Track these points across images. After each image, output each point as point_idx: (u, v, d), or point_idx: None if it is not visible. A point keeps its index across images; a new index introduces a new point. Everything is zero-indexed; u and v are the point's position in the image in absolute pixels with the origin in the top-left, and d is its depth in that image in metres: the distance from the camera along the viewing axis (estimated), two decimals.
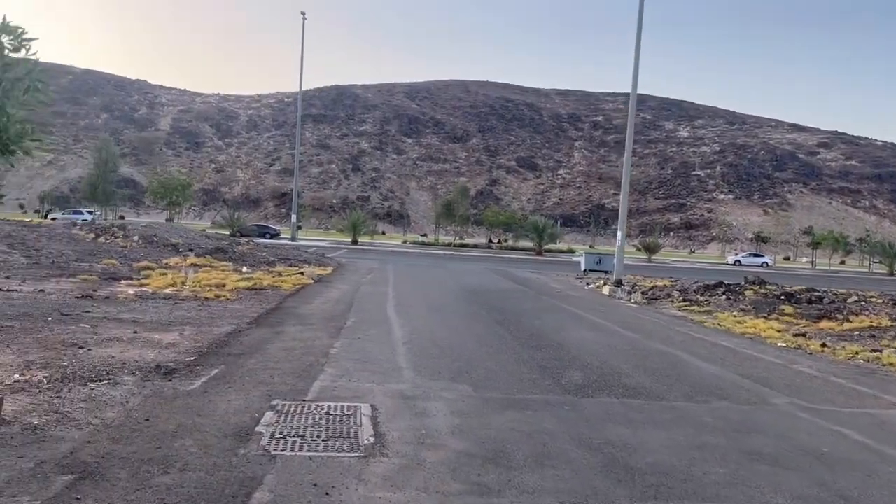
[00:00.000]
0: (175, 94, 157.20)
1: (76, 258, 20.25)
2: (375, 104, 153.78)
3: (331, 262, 28.96)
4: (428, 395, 6.70)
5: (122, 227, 26.39)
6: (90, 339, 8.69)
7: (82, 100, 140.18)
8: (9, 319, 9.73)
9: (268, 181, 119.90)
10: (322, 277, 21.13)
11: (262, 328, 10.48)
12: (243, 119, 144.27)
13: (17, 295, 12.72)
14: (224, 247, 25.83)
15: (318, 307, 13.66)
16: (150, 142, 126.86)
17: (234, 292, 15.65)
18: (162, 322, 10.52)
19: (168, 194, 64.13)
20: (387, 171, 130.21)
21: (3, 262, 17.83)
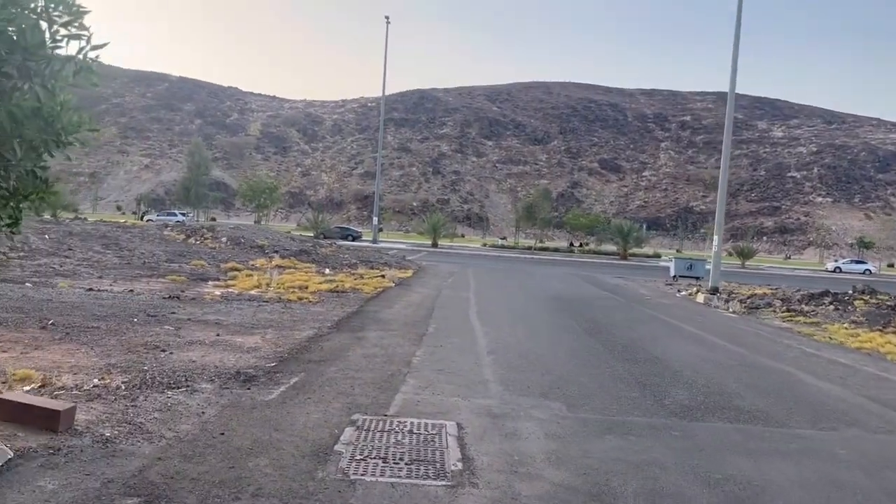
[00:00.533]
0: (264, 101, 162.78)
1: (166, 259, 20.81)
2: (456, 107, 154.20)
3: (411, 265, 28.79)
4: (518, 414, 6.14)
5: (212, 228, 27.09)
6: (173, 341, 8.60)
7: (177, 106, 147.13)
8: (96, 320, 9.82)
9: (350, 184, 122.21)
10: (403, 281, 20.89)
11: (343, 333, 10.19)
12: (328, 124, 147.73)
13: (107, 295, 12.99)
14: (308, 249, 26.07)
15: (399, 312, 13.32)
16: (240, 146, 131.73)
17: (316, 294, 15.56)
18: (245, 325, 10.40)
19: (256, 197, 66.11)
20: (466, 173, 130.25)
21: (97, 262, 18.45)
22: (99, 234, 23.25)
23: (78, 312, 10.37)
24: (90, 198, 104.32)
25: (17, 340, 8.00)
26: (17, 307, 10.34)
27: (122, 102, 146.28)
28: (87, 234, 23.16)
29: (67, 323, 9.28)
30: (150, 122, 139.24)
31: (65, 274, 16.17)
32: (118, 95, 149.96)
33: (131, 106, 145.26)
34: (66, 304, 11.14)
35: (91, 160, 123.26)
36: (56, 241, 20.71)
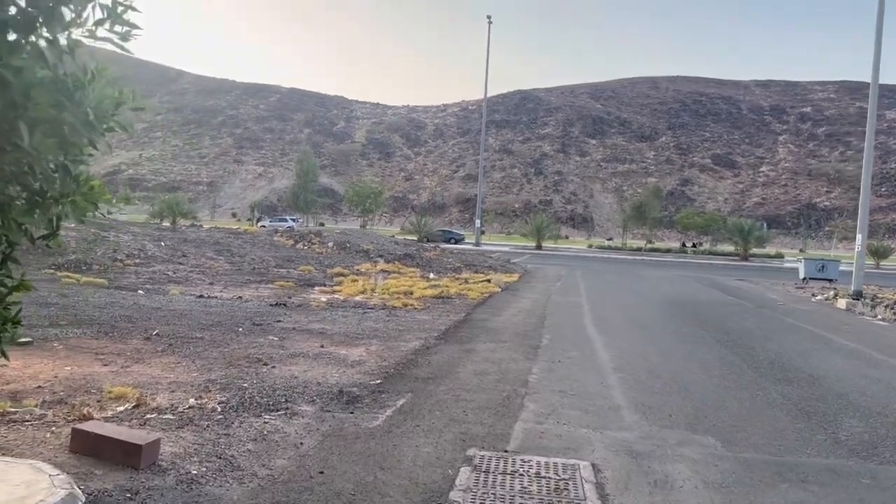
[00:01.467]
0: (369, 108, 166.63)
1: (275, 264, 20.96)
2: (558, 106, 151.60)
3: (516, 268, 27.86)
4: (664, 452, 5.15)
5: (319, 233, 27.31)
6: (276, 354, 8.16)
7: (288, 116, 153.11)
8: (202, 329, 9.59)
9: (452, 187, 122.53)
10: (509, 285, 20.02)
11: (450, 345, 9.46)
12: (430, 128, 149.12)
13: (215, 302, 12.93)
14: (412, 253, 25.72)
15: (509, 320, 12.47)
16: (346, 153, 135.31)
17: (421, 301, 14.99)
18: (349, 335, 9.90)
19: (362, 202, 67.23)
20: (569, 173, 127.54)
21: (209, 269, 18.75)
22: (212, 241, 23.85)
23: (185, 321, 10.22)
24: (208, 206, 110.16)
25: (120, 353, 7.80)
26: (126, 316, 10.31)
27: (236, 114, 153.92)
28: (201, 240, 23.81)
29: (172, 333, 9.08)
30: (263, 132, 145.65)
31: (178, 280, 16.45)
32: (233, 107, 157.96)
33: (245, 117, 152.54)
34: (175, 313, 11.06)
35: (209, 169, 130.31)
36: (171, 247, 21.33)
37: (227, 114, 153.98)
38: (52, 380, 6.43)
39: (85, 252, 18.75)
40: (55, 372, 6.75)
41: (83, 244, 19.75)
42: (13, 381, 6.33)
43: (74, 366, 7.05)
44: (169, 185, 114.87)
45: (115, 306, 11.41)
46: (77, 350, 7.78)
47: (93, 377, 6.62)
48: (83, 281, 14.88)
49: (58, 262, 17.08)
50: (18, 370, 6.75)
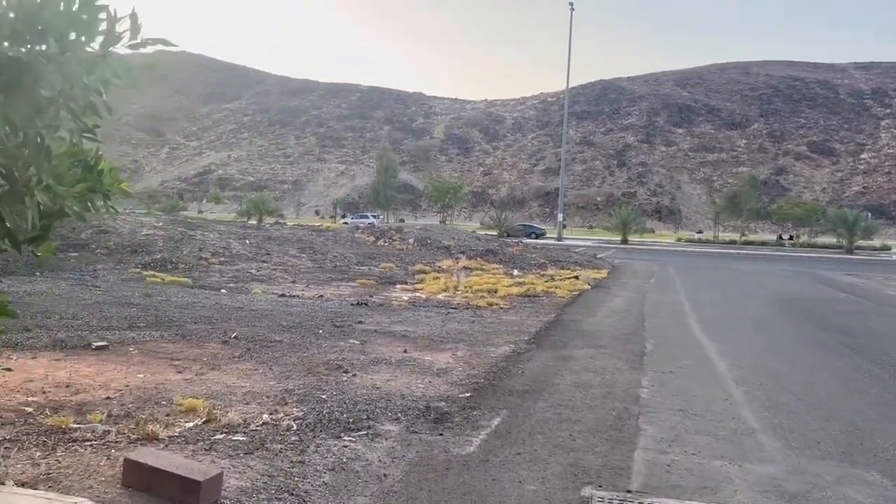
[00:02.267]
0: (447, 104, 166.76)
1: (357, 261, 20.65)
2: (642, 95, 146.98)
3: (603, 263, 26.62)
4: (824, 495, 4.17)
5: (399, 230, 26.94)
6: (357, 360, 7.57)
7: (368, 114, 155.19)
8: (282, 331, 9.15)
9: (532, 181, 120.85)
10: (599, 282, 18.94)
11: (544, 350, 8.63)
12: (509, 122, 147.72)
13: (296, 301, 12.56)
14: (494, 248, 24.94)
15: (604, 321, 11.51)
16: (425, 149, 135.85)
17: (506, 299, 14.21)
18: (433, 338, 9.23)
19: (441, 197, 66.96)
20: (654, 164, 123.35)
21: (292, 267, 18.58)
22: (295, 239, 23.83)
23: (264, 323, 9.82)
24: (293, 204, 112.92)
25: (196, 358, 7.39)
26: (206, 317, 10.01)
27: (319, 114, 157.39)
28: (285, 238, 23.83)
29: (251, 336, 8.66)
30: (344, 130, 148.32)
31: (261, 279, 16.30)
32: (316, 107, 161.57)
33: (327, 116, 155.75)
34: (255, 313, 10.72)
35: (294, 168, 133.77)
36: (255, 245, 21.37)
37: (310, 113, 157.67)
38: (122, 389, 6.04)
39: (171, 251, 18.95)
40: (127, 380, 6.38)
41: (170, 243, 20.01)
42: (83, 391, 5.97)
43: (148, 373, 6.67)
44: (256, 185, 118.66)
45: (197, 306, 11.18)
46: (152, 355, 7.43)
47: (165, 386, 6.20)
48: (168, 280, 14.90)
49: (144, 261, 17.28)
50: (90, 378, 6.41)
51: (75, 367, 6.74)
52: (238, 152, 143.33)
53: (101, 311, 10.05)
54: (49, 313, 9.59)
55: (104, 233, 20.37)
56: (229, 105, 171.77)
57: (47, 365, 6.81)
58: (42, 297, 11.30)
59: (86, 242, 19.07)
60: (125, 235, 20.50)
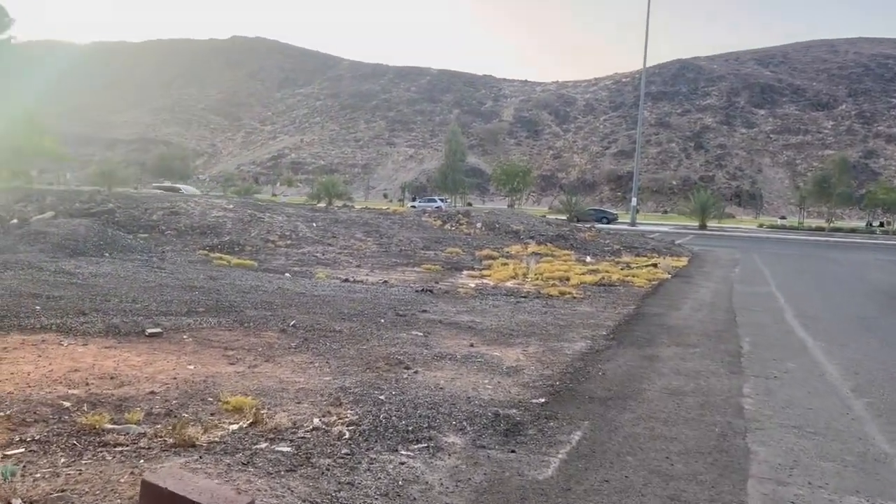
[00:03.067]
0: (517, 86, 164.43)
1: (423, 246, 20.12)
2: (721, 75, 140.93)
3: (682, 250, 25.19)
4: None
5: (467, 213, 26.25)
6: (419, 354, 6.97)
7: (438, 97, 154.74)
8: (342, 320, 8.64)
9: (603, 164, 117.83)
10: (679, 271, 17.76)
11: (625, 348, 7.81)
12: (580, 104, 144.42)
13: (360, 287, 12.08)
14: (565, 233, 23.96)
15: (691, 316, 10.53)
16: (494, 133, 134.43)
17: (579, 288, 13.36)
18: (502, 331, 8.54)
19: (510, 181, 65.84)
20: (734, 147, 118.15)
21: (357, 251, 18.20)
22: (361, 222, 23.50)
23: (326, 310, 9.35)
24: (362, 187, 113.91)
25: (251, 348, 6.95)
26: (267, 303, 9.62)
27: (389, 97, 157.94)
28: (351, 221, 23.54)
29: (311, 324, 8.18)
30: (413, 114, 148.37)
31: (325, 262, 15.96)
32: (386, 91, 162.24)
33: (397, 100, 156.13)
34: (317, 299, 10.27)
35: (363, 152, 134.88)
36: (322, 228, 21.13)
37: (380, 97, 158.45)
38: (169, 383, 5.62)
39: (239, 233, 18.88)
40: (176, 372, 5.96)
41: (239, 225, 19.98)
42: (128, 383, 5.58)
43: (199, 364, 6.25)
44: (327, 168, 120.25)
45: (259, 291, 10.85)
46: (206, 344, 7.03)
47: (214, 380, 5.75)
48: (234, 262, 14.72)
49: (212, 243, 17.22)
50: (139, 368, 6.03)
51: (125, 356, 6.39)
52: (310, 136, 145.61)
53: (163, 295, 9.80)
54: (109, 296, 9.40)
55: (175, 214, 20.52)
56: (302, 90, 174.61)
57: (96, 353, 6.49)
58: (107, 278, 11.19)
59: (156, 224, 19.23)
60: (195, 217, 20.60)
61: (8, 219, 17.01)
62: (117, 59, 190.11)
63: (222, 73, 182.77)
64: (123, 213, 19.86)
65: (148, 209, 21.20)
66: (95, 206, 19.81)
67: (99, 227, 15.95)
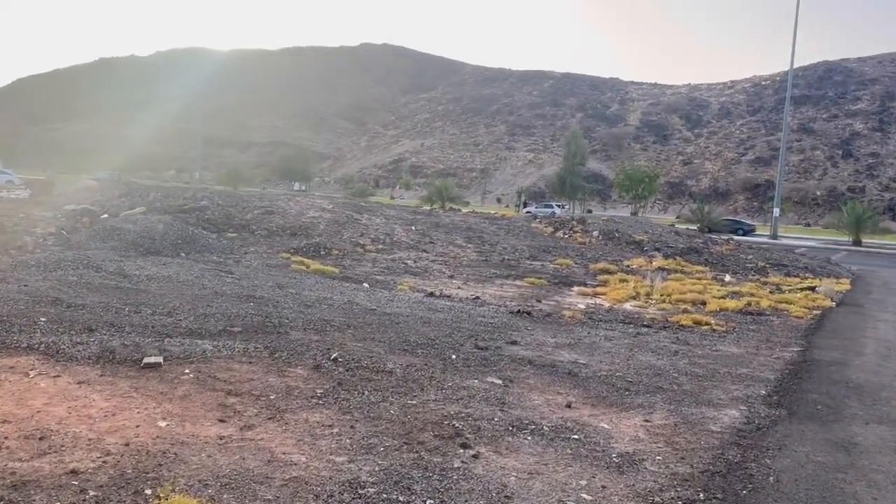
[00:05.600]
0: (645, 89, 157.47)
1: (529, 255, 17.88)
2: (874, 78, 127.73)
3: (840, 270, 21.32)
4: None
5: (582, 220, 23.65)
6: (489, 419, 4.85)
7: (561, 101, 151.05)
8: (402, 352, 6.68)
9: (738, 172, 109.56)
10: (844, 297, 14.44)
11: (801, 423, 5.29)
12: (714, 107, 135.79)
13: (444, 305, 10.08)
14: (697, 246, 20.86)
15: (880, 365, 7.70)
16: (618, 137, 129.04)
17: (719, 316, 10.71)
18: (614, 380, 6.24)
19: (633, 187, 61.74)
20: (889, 155, 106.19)
21: (454, 258, 16.24)
22: (465, 227, 21.58)
23: (389, 335, 7.44)
24: (480, 192, 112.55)
25: (262, 393, 5.11)
26: (323, 321, 7.84)
27: (510, 102, 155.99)
28: (454, 225, 21.67)
29: (357, 358, 6.26)
30: (534, 118, 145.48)
31: (415, 271, 14.12)
32: (508, 95, 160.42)
33: (519, 104, 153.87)
34: (386, 319, 8.39)
35: (483, 157, 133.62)
36: (421, 232, 19.40)
37: (501, 102, 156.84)
38: (114, 452, 3.86)
39: (331, 235, 17.50)
40: (137, 431, 4.20)
41: (332, 226, 18.64)
42: (56, 450, 3.86)
43: (176, 419, 4.47)
44: (445, 172, 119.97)
45: (324, 304, 9.12)
46: (206, 384, 5.26)
47: (180, 451, 3.93)
48: (313, 268, 13.19)
49: (298, 245, 15.87)
50: (92, 422, 4.33)
51: (88, 401, 4.73)
52: (430, 141, 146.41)
53: (208, 306, 8.28)
54: (144, 305, 7.97)
55: (270, 213, 19.53)
56: (425, 95, 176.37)
57: (59, 391, 4.88)
58: (161, 282, 9.89)
59: (248, 223, 18.23)
60: (290, 217, 19.51)
61: (99, 213, 16.50)
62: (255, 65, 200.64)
63: (351, 79, 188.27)
64: (217, 212, 19.06)
65: (245, 208, 20.37)
66: (189, 203, 19.13)
67: (179, 224, 14.98)
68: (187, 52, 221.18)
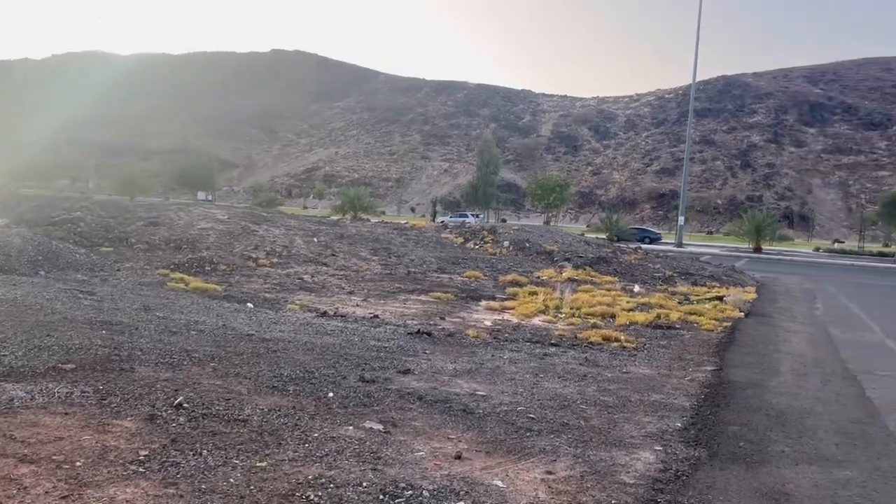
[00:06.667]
0: (556, 101, 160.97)
1: (437, 267, 17.03)
2: (769, 92, 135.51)
3: (744, 278, 21.61)
4: None
5: (493, 230, 23.05)
6: (356, 485, 3.87)
7: (475, 111, 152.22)
8: (270, 390, 5.61)
9: (644, 182, 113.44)
10: (752, 307, 14.33)
11: (725, 468, 4.59)
12: (621, 120, 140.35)
13: (335, 326, 9.02)
14: (607, 256, 20.62)
15: (799, 386, 7.23)
16: (531, 148, 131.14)
17: (629, 331, 10.15)
18: (515, 418, 5.40)
19: (545, 196, 62.25)
20: (783, 166, 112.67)
21: (357, 272, 15.19)
22: (371, 238, 20.52)
23: (260, 368, 6.35)
24: (395, 201, 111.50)
25: (66, 458, 3.94)
26: (184, 352, 6.64)
27: (425, 111, 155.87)
28: (360, 236, 20.59)
29: (209, 402, 5.15)
30: (449, 128, 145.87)
31: (311, 287, 12.97)
32: (422, 105, 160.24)
33: (433, 114, 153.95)
34: (262, 347, 7.28)
35: (398, 166, 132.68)
36: (323, 245, 18.21)
37: (416, 111, 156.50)
38: None
39: (221, 248, 16.07)
40: None
41: (224, 239, 17.18)
42: None
43: None
44: (360, 181, 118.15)
45: (192, 330, 7.90)
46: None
47: None
48: (192, 286, 11.82)
49: (181, 260, 14.38)
50: None
51: None
52: (345, 149, 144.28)
53: (49, 336, 6.92)
54: None
55: (154, 225, 17.85)
56: (339, 103, 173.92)
57: None
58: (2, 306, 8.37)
59: (127, 236, 16.54)
60: (178, 229, 17.90)
61: None
62: (159, 70, 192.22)
63: (261, 86, 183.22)
64: (94, 223, 17.23)
65: (127, 219, 18.60)
66: (62, 215, 17.23)
67: (41, 238, 13.25)
68: (85, 56, 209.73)
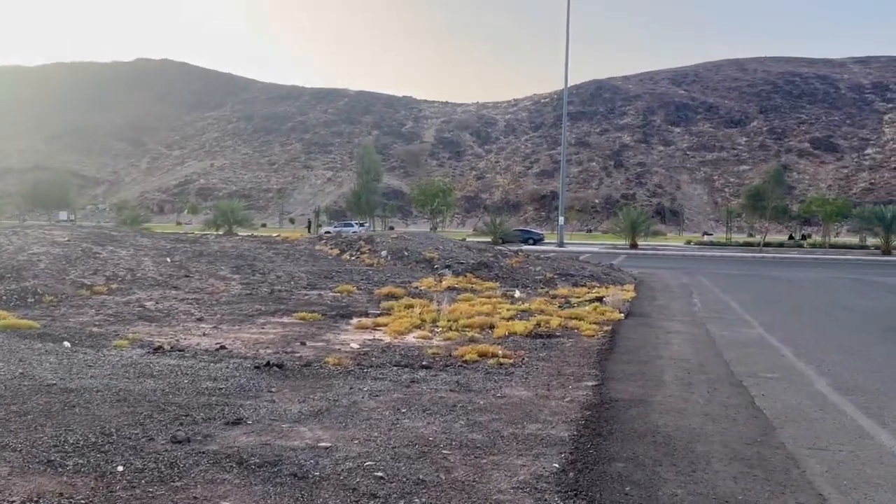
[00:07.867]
0: (437, 107, 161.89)
1: (307, 283, 15.69)
2: (637, 94, 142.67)
3: (623, 276, 21.70)
4: None
5: (370, 240, 21.90)
6: None
7: (356, 119, 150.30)
8: (45, 466, 4.23)
9: (526, 184, 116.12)
10: (631, 306, 14.04)
11: None
12: (501, 124, 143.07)
13: (164, 365, 7.58)
14: (488, 261, 20.02)
15: (685, 400, 6.62)
16: (416, 154, 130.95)
17: (508, 344, 9.35)
18: (359, 483, 4.32)
19: (429, 201, 61.80)
20: (653, 164, 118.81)
21: (212, 294, 13.60)
22: (235, 254, 18.83)
23: (41, 433, 4.93)
24: (277, 213, 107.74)
25: None
26: None
27: (305, 120, 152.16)
28: (223, 253, 18.84)
29: None
30: (331, 136, 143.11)
31: (153, 317, 11.32)
32: (302, 113, 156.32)
33: (314, 122, 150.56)
34: (60, 401, 5.81)
35: (279, 176, 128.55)
36: (177, 265, 16.40)
37: (296, 119, 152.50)
38: None
39: (52, 275, 13.97)
40: None
41: (58, 264, 15.03)
42: None
43: None
44: (238, 194, 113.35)
45: None
46: None
47: None
48: (3, 324, 9.92)
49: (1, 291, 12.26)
50: None
51: None
52: (221, 161, 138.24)
53: None
54: None
55: None
56: (213, 113, 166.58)
57: None
58: None
59: None
60: (4, 256, 15.52)
61: None
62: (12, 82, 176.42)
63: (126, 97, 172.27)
64: None
65: None
66: None
67: None
68: None
